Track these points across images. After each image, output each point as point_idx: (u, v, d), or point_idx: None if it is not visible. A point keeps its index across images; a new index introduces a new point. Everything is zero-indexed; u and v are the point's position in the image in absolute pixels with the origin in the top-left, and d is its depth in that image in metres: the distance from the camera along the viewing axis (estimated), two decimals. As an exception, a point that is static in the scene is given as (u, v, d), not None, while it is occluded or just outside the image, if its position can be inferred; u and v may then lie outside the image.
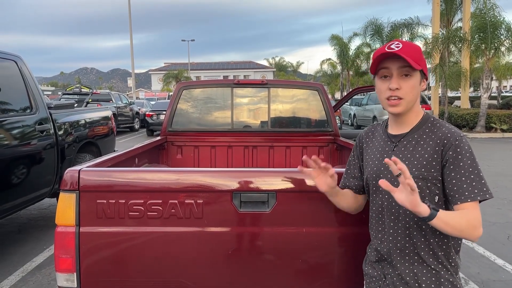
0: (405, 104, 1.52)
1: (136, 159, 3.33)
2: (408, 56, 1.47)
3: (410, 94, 1.51)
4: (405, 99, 1.51)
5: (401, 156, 1.55)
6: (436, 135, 1.50)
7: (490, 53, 16.55)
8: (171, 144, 4.29)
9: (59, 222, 1.99)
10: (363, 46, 30.81)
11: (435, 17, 21.39)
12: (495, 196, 6.68)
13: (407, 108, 1.53)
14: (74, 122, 5.29)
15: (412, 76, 1.51)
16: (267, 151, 4.29)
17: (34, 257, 4.27)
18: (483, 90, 17.09)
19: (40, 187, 4.44)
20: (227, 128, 4.28)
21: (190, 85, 4.36)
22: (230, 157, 4.30)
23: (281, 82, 4.46)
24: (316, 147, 4.29)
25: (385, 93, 1.54)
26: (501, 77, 23.50)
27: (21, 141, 4.15)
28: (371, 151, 1.68)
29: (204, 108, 4.33)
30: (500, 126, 16.47)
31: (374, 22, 25.53)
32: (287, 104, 4.34)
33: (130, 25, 31.50)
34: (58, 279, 2.02)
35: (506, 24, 16.02)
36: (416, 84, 1.52)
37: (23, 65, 4.54)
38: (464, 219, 1.37)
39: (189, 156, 4.31)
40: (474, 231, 1.37)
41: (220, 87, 4.32)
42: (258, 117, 4.33)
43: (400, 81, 1.51)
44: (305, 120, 4.35)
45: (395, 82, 1.51)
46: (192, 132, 4.29)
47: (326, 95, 4.30)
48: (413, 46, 1.53)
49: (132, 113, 20.13)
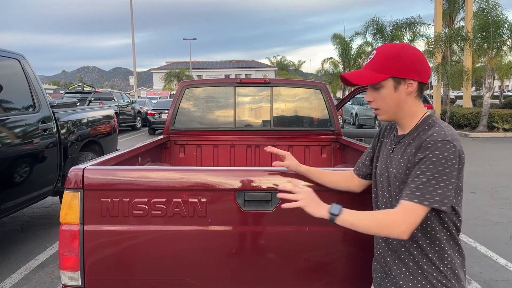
0: (384, 113, 1.54)
1: (139, 157, 3.33)
2: (370, 70, 1.49)
3: (384, 104, 1.52)
4: (382, 109, 1.54)
5: (393, 158, 1.54)
6: (420, 138, 1.46)
7: (492, 52, 16.51)
8: (173, 143, 4.30)
9: (63, 220, 2.00)
10: (365, 45, 30.77)
11: (438, 16, 21.31)
12: (498, 196, 6.68)
13: (389, 116, 1.55)
14: (77, 120, 5.30)
15: (383, 87, 1.50)
16: (270, 150, 4.28)
17: (37, 255, 4.28)
18: (486, 90, 17.06)
19: (42, 186, 4.44)
20: (230, 127, 4.28)
21: (193, 84, 4.36)
22: (233, 156, 4.30)
23: (284, 81, 4.46)
24: (318, 146, 4.29)
25: None
26: (503, 76, 23.44)
27: (24, 139, 4.15)
28: (383, 148, 1.68)
29: (206, 107, 4.33)
30: (503, 126, 16.44)
31: (375, 21, 25.48)
32: (289, 103, 4.33)
33: (132, 23, 31.49)
34: (63, 277, 2.03)
35: (508, 23, 15.98)
36: (388, 93, 1.50)
37: (26, 64, 4.55)
38: (374, 220, 1.41)
39: (191, 155, 4.31)
40: (391, 230, 1.37)
41: (223, 86, 4.33)
42: (260, 116, 4.33)
43: (374, 93, 1.54)
44: (307, 119, 4.35)
45: (368, 95, 1.56)
46: (194, 131, 4.29)
47: (329, 94, 4.30)
48: (381, 54, 1.50)
49: (134, 112, 20.15)
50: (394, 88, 1.49)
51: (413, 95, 1.52)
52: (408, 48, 1.51)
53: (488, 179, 7.98)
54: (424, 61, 1.51)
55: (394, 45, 1.55)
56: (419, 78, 1.49)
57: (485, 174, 8.45)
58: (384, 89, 1.50)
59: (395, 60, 1.48)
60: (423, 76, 1.50)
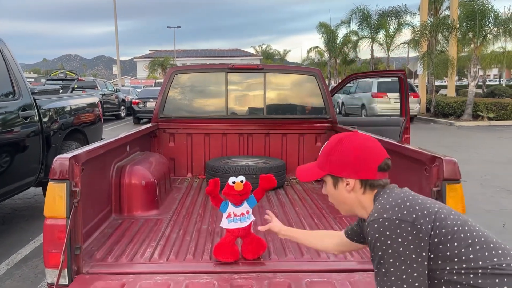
0: (338, 207, 1.46)
1: (127, 146, 3.18)
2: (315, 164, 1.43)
3: (332, 200, 1.45)
4: (334, 204, 1.46)
5: None
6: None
7: (478, 41, 16.58)
8: (163, 132, 4.14)
9: (48, 214, 1.85)
10: (351, 34, 30.70)
11: (423, 4, 21.32)
12: (488, 184, 6.69)
13: (345, 212, 1.44)
14: (60, 108, 5.09)
15: (326, 183, 1.43)
16: (263, 138, 4.16)
17: (20, 248, 4.10)
18: (471, 79, 17.17)
19: (24, 176, 4.24)
20: (221, 115, 4.14)
21: (183, 69, 4.19)
22: (225, 144, 4.17)
23: (277, 67, 4.33)
24: (313, 134, 4.18)
25: None
26: (486, 66, 23.65)
27: (4, 128, 3.94)
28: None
29: (197, 93, 4.18)
30: (487, 114, 16.58)
31: (361, 9, 25.40)
32: (283, 90, 4.21)
33: (115, 11, 30.86)
34: (48, 276, 1.88)
35: (494, 12, 16.04)
36: (329, 190, 1.42)
37: (5, 48, 4.30)
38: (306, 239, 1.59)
39: (182, 144, 4.17)
40: None
41: (214, 72, 4.17)
42: (253, 103, 4.20)
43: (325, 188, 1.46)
44: (302, 107, 4.23)
45: (323, 189, 1.48)
46: (184, 119, 4.14)
47: (323, 80, 4.18)
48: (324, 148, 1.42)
49: (118, 101, 19.89)
50: (334, 185, 1.39)
51: (359, 192, 1.35)
52: (348, 142, 1.34)
53: (476, 167, 8.01)
54: (366, 157, 1.32)
55: (334, 138, 1.41)
56: (356, 176, 1.33)
57: (472, 162, 8.47)
58: (327, 186, 1.42)
59: (328, 158, 1.37)
60: (363, 173, 1.32)
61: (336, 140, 1.38)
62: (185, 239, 2.50)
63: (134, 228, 2.68)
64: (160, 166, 3.41)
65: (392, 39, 24.76)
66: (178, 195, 3.56)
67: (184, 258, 2.21)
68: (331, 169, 1.36)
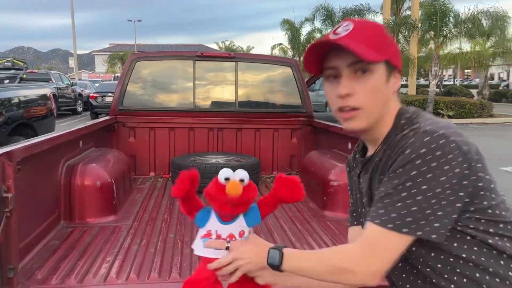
0: (365, 116, 1.01)
1: (80, 142, 2.76)
2: (361, 43, 0.96)
3: (370, 101, 1.00)
4: (364, 110, 1.01)
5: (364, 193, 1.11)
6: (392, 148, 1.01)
7: (439, 41, 16.93)
8: (122, 125, 3.72)
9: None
10: (314, 31, 30.84)
11: (386, 4, 21.64)
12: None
13: (370, 123, 1.03)
14: (5, 100, 4.65)
15: (372, 73, 0.99)
16: (235, 133, 3.83)
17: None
18: (432, 77, 17.53)
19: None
20: (188, 108, 3.77)
21: (145, 56, 3.79)
22: (192, 140, 3.80)
23: (250, 56, 4.02)
24: (288, 129, 3.88)
25: (335, 101, 1.04)
26: (445, 66, 24.35)
27: None
28: (352, 181, 1.23)
29: (161, 83, 3.80)
30: (447, 113, 16.98)
31: (325, 7, 25.52)
32: (256, 82, 3.89)
33: (71, 2, 29.65)
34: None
35: (454, 13, 16.45)
36: (379, 84, 1.01)
37: None
38: (321, 263, 1.00)
39: (143, 139, 3.77)
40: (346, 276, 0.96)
41: (180, 60, 3.79)
42: (223, 95, 3.86)
43: (353, 83, 1.00)
44: (277, 100, 3.93)
45: (345, 85, 1.00)
46: (147, 112, 3.76)
47: (300, 72, 3.87)
48: (371, 27, 1.04)
49: (75, 95, 19.10)
50: (387, 76, 1.01)
51: (394, 97, 1.06)
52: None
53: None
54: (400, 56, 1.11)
55: (367, 21, 1.11)
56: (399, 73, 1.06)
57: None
58: (375, 77, 1.00)
59: (388, 41, 1.03)
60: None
61: (377, 24, 1.10)
62: (149, 251, 2.13)
63: (87, 238, 2.27)
64: (118, 164, 3.01)
65: (355, 37, 25.04)
66: (139, 197, 3.16)
67: (147, 277, 1.84)
68: (392, 55, 1.02)
